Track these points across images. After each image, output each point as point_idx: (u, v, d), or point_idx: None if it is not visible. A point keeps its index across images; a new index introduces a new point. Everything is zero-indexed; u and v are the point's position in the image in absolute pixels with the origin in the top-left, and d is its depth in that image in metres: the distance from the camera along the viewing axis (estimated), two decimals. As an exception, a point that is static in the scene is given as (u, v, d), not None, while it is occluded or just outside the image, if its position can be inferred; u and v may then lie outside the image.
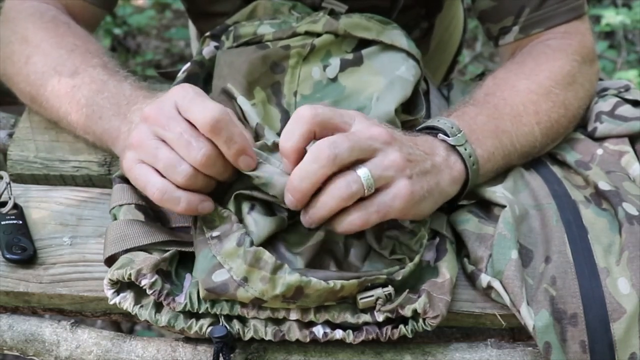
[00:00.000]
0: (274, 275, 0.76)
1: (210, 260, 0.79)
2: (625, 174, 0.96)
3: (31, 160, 1.02)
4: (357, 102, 0.93)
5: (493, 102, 0.95)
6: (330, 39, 0.98)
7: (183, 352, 0.82)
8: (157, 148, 0.79)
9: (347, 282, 0.77)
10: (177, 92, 0.80)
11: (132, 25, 3.09)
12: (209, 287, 0.77)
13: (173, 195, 0.78)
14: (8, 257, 0.87)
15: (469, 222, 0.89)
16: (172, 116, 0.78)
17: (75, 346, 0.83)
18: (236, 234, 0.79)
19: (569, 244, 0.86)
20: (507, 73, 1.02)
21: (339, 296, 0.78)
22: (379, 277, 0.79)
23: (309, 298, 0.77)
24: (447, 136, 0.87)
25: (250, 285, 0.76)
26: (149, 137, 0.79)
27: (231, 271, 0.77)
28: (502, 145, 0.92)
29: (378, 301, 0.79)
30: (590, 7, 2.88)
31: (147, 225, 0.84)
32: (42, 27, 1.03)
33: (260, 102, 0.93)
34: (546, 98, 0.97)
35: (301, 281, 0.76)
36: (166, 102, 0.80)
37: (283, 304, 0.78)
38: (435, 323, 0.79)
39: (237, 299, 0.78)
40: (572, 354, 0.80)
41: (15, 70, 1.02)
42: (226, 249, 0.78)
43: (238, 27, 1.03)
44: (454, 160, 0.86)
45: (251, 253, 0.77)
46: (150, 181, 0.79)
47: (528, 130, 0.95)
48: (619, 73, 2.74)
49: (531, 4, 1.06)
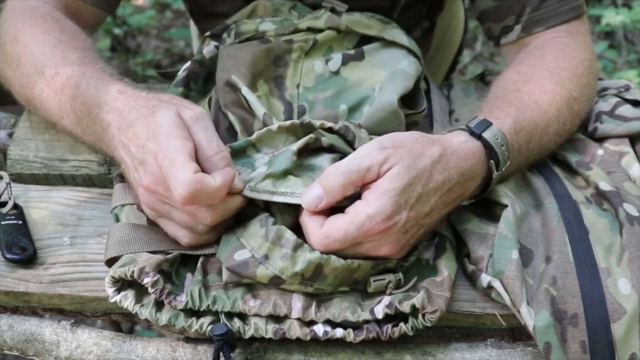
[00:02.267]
0: (295, 252, 0.78)
1: (234, 242, 0.81)
2: (625, 175, 0.96)
3: (31, 159, 1.02)
4: (359, 92, 0.93)
5: (529, 104, 0.95)
6: (332, 35, 0.99)
7: (183, 352, 0.82)
8: (170, 212, 0.83)
9: (364, 261, 0.79)
10: (157, 150, 0.80)
11: (132, 25, 3.09)
12: (230, 266, 0.80)
13: (201, 240, 0.84)
14: (8, 257, 0.87)
15: (469, 222, 0.89)
16: (167, 197, 0.81)
17: (75, 346, 0.83)
18: (259, 216, 0.81)
19: (570, 244, 0.86)
20: (531, 69, 1.01)
21: (354, 277, 0.80)
22: (391, 260, 0.82)
23: (326, 280, 0.79)
24: (493, 151, 0.86)
25: (271, 262, 0.78)
26: (158, 203, 0.83)
27: (253, 250, 0.79)
28: (527, 158, 0.94)
29: (389, 285, 0.81)
30: (590, 7, 2.88)
31: (152, 231, 0.85)
32: (30, 24, 1.03)
33: (264, 95, 0.94)
34: (567, 105, 0.97)
35: (321, 258, 0.78)
36: (154, 166, 0.80)
37: (300, 285, 0.79)
38: (434, 318, 0.79)
39: (257, 278, 0.79)
40: (572, 354, 0.80)
41: (11, 72, 1.02)
42: (249, 230, 0.81)
43: (239, 25, 1.03)
44: (482, 176, 0.87)
45: (273, 231, 0.79)
46: (177, 235, 0.84)
47: (548, 140, 0.96)
48: (619, 73, 2.73)
49: (532, 3, 1.07)
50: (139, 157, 0.82)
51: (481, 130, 0.87)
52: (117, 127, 0.86)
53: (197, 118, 0.83)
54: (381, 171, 0.79)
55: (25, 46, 1.00)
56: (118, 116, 0.86)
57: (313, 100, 0.93)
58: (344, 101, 0.93)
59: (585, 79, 1.01)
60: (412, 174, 0.79)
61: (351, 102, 0.92)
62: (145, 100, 0.86)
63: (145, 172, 0.81)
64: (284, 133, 0.87)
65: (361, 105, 0.92)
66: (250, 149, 0.87)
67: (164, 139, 0.79)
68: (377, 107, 0.91)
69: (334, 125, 0.88)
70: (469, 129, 0.87)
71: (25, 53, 1.00)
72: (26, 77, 0.99)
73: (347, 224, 0.78)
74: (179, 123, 0.81)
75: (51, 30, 1.02)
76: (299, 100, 0.93)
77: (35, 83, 0.98)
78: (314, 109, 0.92)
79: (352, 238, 0.78)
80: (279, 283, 0.80)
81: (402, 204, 0.78)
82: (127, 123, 0.84)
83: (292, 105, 0.93)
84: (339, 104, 0.92)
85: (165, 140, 0.79)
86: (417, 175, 0.79)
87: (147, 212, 0.86)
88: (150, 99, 0.86)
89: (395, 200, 0.78)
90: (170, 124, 0.81)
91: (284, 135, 0.87)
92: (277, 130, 0.87)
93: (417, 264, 0.86)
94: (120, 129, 0.85)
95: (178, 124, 0.81)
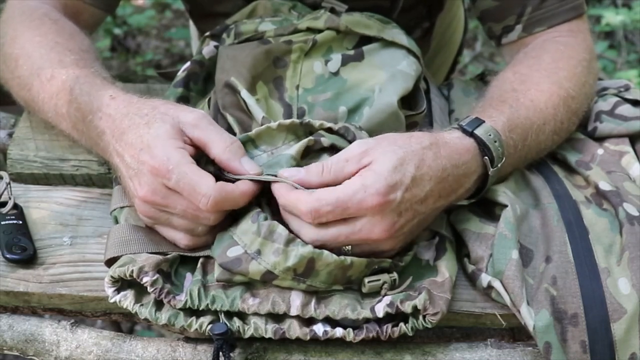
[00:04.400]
0: (287, 247, 0.78)
1: (227, 240, 0.81)
2: (625, 174, 0.96)
3: (31, 159, 1.02)
4: (359, 94, 0.93)
5: (524, 103, 0.95)
6: (331, 35, 0.99)
7: (183, 352, 0.82)
8: (169, 219, 0.83)
9: (357, 259, 0.79)
10: (153, 163, 0.80)
11: (132, 25, 3.09)
12: (223, 262, 0.80)
13: (200, 243, 0.85)
14: (8, 257, 0.87)
15: (469, 222, 0.89)
16: (168, 195, 0.81)
17: (75, 346, 0.83)
18: (251, 212, 0.81)
19: (570, 244, 0.86)
20: (528, 69, 1.02)
21: (347, 275, 0.80)
22: (385, 260, 0.81)
23: (319, 276, 0.79)
24: (487, 147, 0.87)
25: (263, 257, 0.78)
26: (156, 212, 0.83)
27: (245, 246, 0.79)
28: (525, 156, 0.94)
29: (384, 286, 0.81)
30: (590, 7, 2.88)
31: (152, 233, 0.85)
32: (28, 26, 1.02)
33: (263, 97, 0.94)
34: (564, 103, 0.98)
35: (313, 252, 0.78)
36: (149, 178, 0.80)
37: (293, 281, 0.79)
38: (435, 320, 0.79)
39: (249, 275, 0.79)
40: (572, 354, 0.80)
41: (9, 74, 1.02)
42: (241, 227, 0.81)
43: (239, 25, 1.03)
44: (477, 173, 0.87)
45: (265, 226, 0.79)
46: (175, 238, 0.85)
47: (545, 138, 0.96)
48: (619, 73, 2.74)
49: (532, 3, 1.07)
50: (134, 167, 0.82)
51: (473, 128, 0.87)
52: (111, 134, 0.86)
53: (200, 118, 0.84)
54: (363, 163, 0.80)
55: (22, 48, 1.00)
56: (111, 123, 0.86)
57: (312, 102, 0.93)
58: (343, 103, 0.93)
59: (583, 77, 1.01)
60: (400, 154, 0.80)
61: (351, 103, 0.92)
62: (137, 108, 0.85)
63: (141, 184, 0.81)
64: (284, 131, 0.87)
65: (361, 107, 0.92)
66: (250, 145, 0.87)
67: (161, 152, 0.80)
68: (377, 108, 0.91)
69: (333, 126, 0.88)
70: (460, 127, 0.88)
71: (23, 55, 0.99)
72: (23, 80, 0.99)
73: (339, 190, 0.78)
74: (175, 134, 0.81)
75: (48, 32, 1.01)
76: (298, 102, 0.93)
77: (32, 86, 0.97)
78: (314, 111, 0.92)
79: (343, 205, 0.77)
80: (271, 279, 0.80)
81: (396, 181, 0.78)
82: (120, 131, 0.84)
83: (292, 107, 0.93)
84: (338, 105, 0.92)
85: (163, 152, 0.80)
86: (407, 156, 0.80)
87: (144, 220, 0.86)
88: (142, 106, 0.85)
89: (390, 175, 0.78)
90: (166, 136, 0.81)
91: (284, 133, 0.87)
92: (276, 128, 0.87)
93: (417, 264, 0.86)
94: (114, 136, 0.85)
95: (173, 135, 0.81)
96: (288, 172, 0.81)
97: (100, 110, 0.88)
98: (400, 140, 0.82)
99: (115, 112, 0.86)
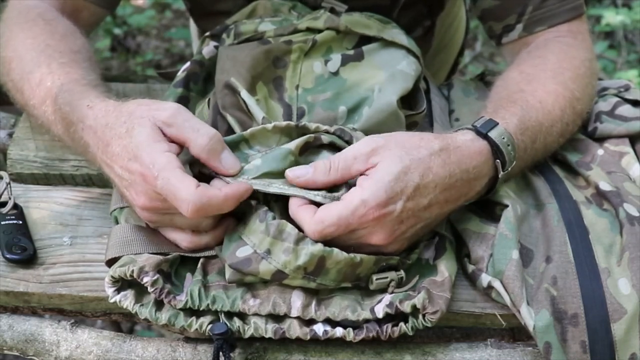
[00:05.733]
0: (297, 246, 0.78)
1: (236, 240, 0.81)
2: (625, 175, 0.96)
3: (31, 159, 1.02)
4: (358, 94, 0.93)
5: (534, 105, 0.94)
6: (331, 35, 0.99)
7: (183, 352, 0.82)
8: (172, 219, 0.83)
9: (366, 256, 0.79)
10: (143, 171, 0.80)
11: (132, 25, 3.09)
12: (233, 263, 0.80)
13: (201, 244, 0.84)
14: (8, 257, 0.87)
15: (469, 222, 0.89)
16: (166, 208, 0.81)
17: (75, 346, 0.83)
18: (258, 212, 0.81)
19: (570, 244, 0.86)
20: (534, 69, 1.01)
21: (357, 272, 0.80)
22: (393, 257, 0.82)
23: (328, 275, 0.79)
24: (499, 151, 0.86)
25: (273, 257, 0.78)
26: (158, 216, 0.83)
27: (255, 246, 0.79)
28: (532, 158, 0.94)
29: (391, 283, 0.81)
30: (590, 7, 2.88)
31: (153, 233, 0.85)
32: (22, 27, 1.02)
33: (263, 98, 0.94)
34: (570, 105, 0.97)
35: (324, 251, 0.78)
36: (144, 186, 0.80)
37: (303, 280, 0.79)
38: (434, 319, 0.79)
39: (260, 274, 0.79)
40: (572, 354, 0.80)
41: (5, 76, 1.02)
42: (249, 227, 0.80)
43: (239, 25, 1.03)
44: (488, 176, 0.87)
45: (274, 225, 0.79)
46: (177, 239, 0.85)
47: (552, 140, 0.96)
48: (619, 73, 2.74)
49: (533, 2, 1.07)
50: (126, 178, 0.81)
51: (487, 130, 0.86)
52: (96, 146, 0.85)
53: (175, 115, 0.82)
54: (370, 162, 0.79)
55: (15, 50, 1.00)
56: (93, 135, 0.85)
57: (312, 102, 0.93)
58: (343, 103, 0.93)
59: (587, 79, 1.02)
60: (406, 162, 0.79)
61: (350, 103, 0.92)
62: (115, 117, 0.83)
63: (137, 193, 0.81)
64: (278, 133, 0.87)
65: (360, 107, 0.92)
66: (243, 144, 0.87)
67: (147, 158, 0.79)
68: (377, 108, 0.91)
69: (329, 129, 0.87)
70: (475, 128, 0.87)
71: (15, 58, 0.99)
72: (16, 83, 0.99)
73: (340, 209, 0.78)
74: (157, 136, 0.80)
75: (40, 33, 1.00)
76: (298, 102, 0.93)
77: (23, 90, 0.97)
78: (313, 111, 0.92)
79: (346, 222, 0.77)
80: (282, 278, 0.79)
81: (397, 192, 0.78)
82: (104, 143, 0.83)
83: (292, 108, 0.93)
84: (338, 105, 0.92)
85: (149, 158, 0.79)
86: (413, 164, 0.79)
87: (148, 223, 0.86)
88: (119, 115, 0.83)
89: (390, 187, 0.78)
90: (149, 140, 0.80)
91: (278, 135, 0.87)
92: (271, 129, 0.87)
93: (417, 264, 0.86)
94: (99, 148, 0.84)
95: (155, 137, 0.80)
96: (296, 172, 0.81)
97: (82, 122, 0.87)
98: (409, 144, 0.81)
99: (94, 123, 0.85)
